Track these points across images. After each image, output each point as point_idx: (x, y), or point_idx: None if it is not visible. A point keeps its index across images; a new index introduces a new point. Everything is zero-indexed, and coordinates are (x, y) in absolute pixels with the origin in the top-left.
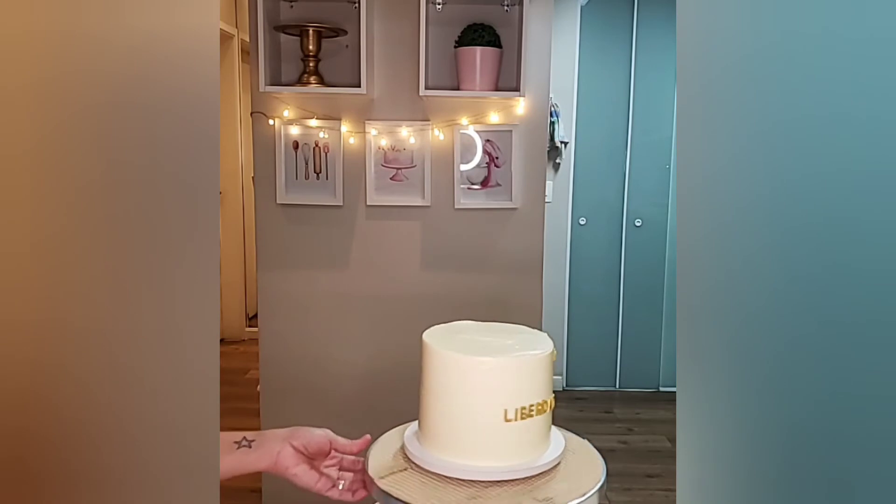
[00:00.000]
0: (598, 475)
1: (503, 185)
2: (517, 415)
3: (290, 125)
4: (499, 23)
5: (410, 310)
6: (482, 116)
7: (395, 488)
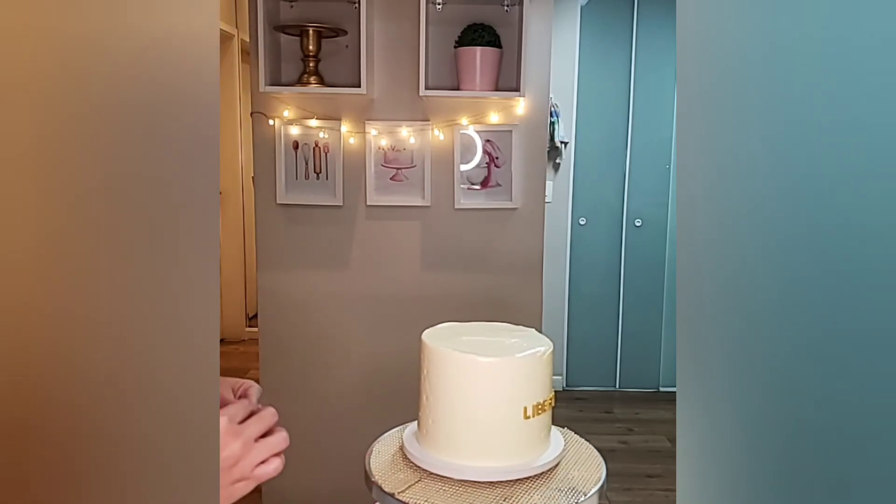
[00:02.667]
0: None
1: (503, 186)
2: (534, 411)
3: (290, 125)
4: (499, 23)
5: (410, 310)
6: (482, 116)
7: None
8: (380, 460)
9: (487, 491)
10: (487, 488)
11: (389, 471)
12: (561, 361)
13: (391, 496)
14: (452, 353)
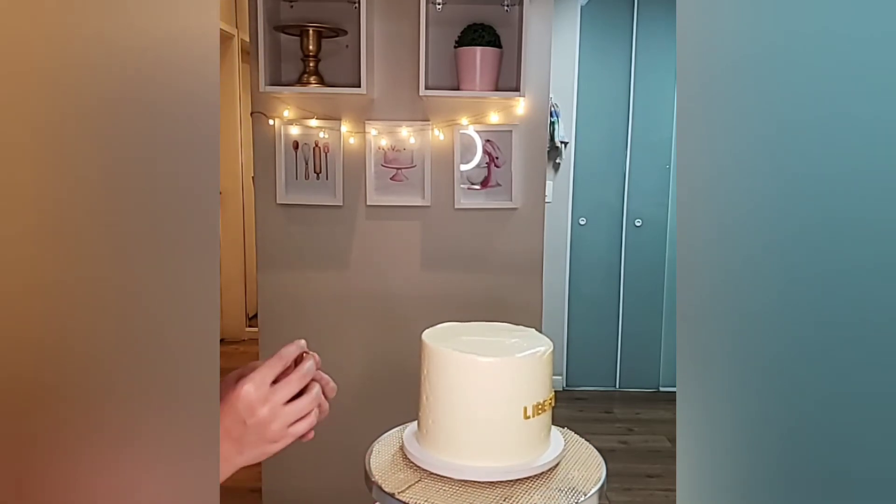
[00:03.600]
0: (598, 472)
1: (503, 185)
2: (534, 411)
3: (290, 125)
4: (499, 23)
5: (410, 310)
6: (482, 116)
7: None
8: (380, 460)
9: (487, 491)
10: (487, 488)
11: (389, 471)
12: (561, 361)
13: (391, 496)
14: (453, 353)
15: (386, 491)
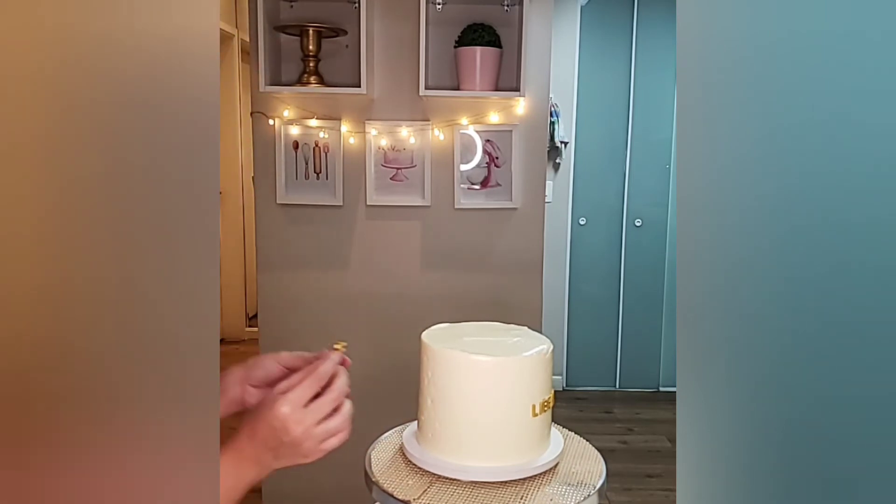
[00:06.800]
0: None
1: (503, 185)
2: (541, 409)
3: (290, 125)
4: (499, 23)
5: (410, 310)
6: (482, 116)
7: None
8: (380, 460)
9: (500, 491)
10: (499, 488)
11: (395, 475)
12: (561, 361)
13: (391, 495)
14: (460, 355)
15: (400, 499)
